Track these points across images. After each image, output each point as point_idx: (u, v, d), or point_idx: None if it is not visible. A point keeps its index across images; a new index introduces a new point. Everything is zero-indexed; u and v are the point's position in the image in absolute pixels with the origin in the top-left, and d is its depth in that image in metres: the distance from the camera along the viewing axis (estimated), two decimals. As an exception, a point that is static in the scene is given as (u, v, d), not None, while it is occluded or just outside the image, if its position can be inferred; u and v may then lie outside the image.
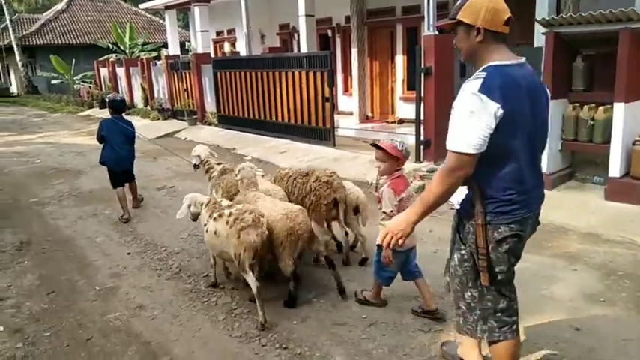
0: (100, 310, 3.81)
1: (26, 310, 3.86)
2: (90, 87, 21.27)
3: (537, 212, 2.27)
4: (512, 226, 2.12)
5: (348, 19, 13.91)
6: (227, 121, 12.04)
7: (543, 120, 2.21)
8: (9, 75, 35.22)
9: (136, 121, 10.85)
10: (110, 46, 21.44)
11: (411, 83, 11.42)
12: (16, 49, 27.59)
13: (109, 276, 4.42)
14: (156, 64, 16.02)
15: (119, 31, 20.63)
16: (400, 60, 11.93)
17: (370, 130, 10.81)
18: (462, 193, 2.22)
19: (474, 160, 2.02)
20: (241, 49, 14.94)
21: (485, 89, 1.96)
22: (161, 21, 34.50)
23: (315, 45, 12.47)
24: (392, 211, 3.11)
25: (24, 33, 28.86)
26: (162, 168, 8.89)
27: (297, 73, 9.46)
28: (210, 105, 13.08)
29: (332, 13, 12.48)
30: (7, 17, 27.74)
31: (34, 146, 11.97)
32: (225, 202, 3.73)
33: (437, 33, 7.17)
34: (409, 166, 7.19)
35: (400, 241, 2.22)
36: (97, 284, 4.26)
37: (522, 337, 2.78)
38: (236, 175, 4.02)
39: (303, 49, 10.77)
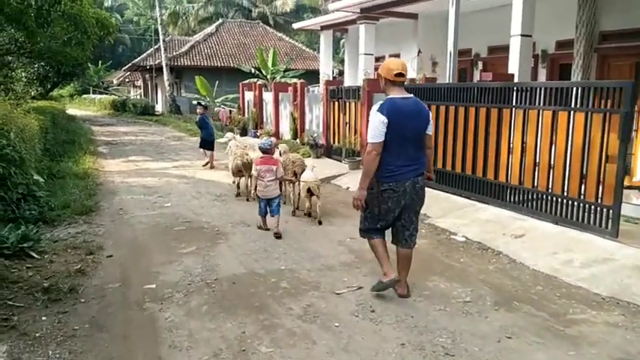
0: None
1: None
2: (230, 111, 19.82)
3: (415, 181, 4.04)
4: (390, 184, 4.01)
5: (560, 44, 10.72)
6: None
7: (418, 128, 4.04)
8: (156, 94, 36.33)
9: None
10: (252, 70, 19.99)
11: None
12: (164, 68, 27.64)
13: None
14: (309, 89, 13.68)
15: (264, 55, 19.01)
16: (651, 102, 8.08)
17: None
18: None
19: (378, 146, 3.92)
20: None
21: (380, 109, 3.92)
22: (304, 47, 33.54)
23: (529, 74, 9.29)
24: (252, 172, 6.75)
25: (174, 54, 29.10)
26: (331, 241, 5.99)
27: (548, 113, 6.03)
28: (379, 145, 10.10)
29: (536, 37, 9.05)
30: (161, 38, 28.05)
31: (167, 179, 9.91)
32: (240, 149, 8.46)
33: None
34: None
35: (359, 202, 4.08)
36: None
37: None
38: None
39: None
